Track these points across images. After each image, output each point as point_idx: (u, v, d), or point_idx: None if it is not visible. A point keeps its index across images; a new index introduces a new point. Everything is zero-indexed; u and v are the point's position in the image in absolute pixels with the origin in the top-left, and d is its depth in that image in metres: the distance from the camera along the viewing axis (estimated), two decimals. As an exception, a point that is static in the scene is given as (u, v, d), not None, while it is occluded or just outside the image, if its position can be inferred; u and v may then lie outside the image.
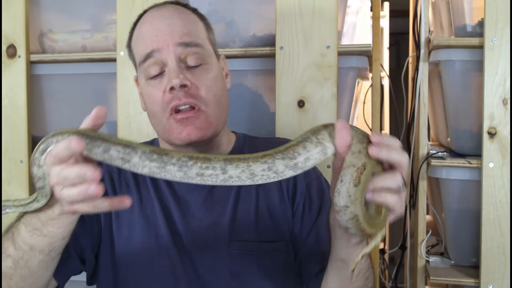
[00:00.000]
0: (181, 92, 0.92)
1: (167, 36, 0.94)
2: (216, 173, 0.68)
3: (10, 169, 1.59)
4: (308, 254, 1.00)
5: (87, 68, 1.59)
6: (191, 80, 0.93)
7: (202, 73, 0.95)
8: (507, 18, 1.36)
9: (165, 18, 0.97)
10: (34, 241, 0.78)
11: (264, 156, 0.69)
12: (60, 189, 0.68)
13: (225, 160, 0.69)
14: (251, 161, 0.69)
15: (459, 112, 1.51)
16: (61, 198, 0.69)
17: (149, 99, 0.96)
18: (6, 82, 1.58)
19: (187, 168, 0.68)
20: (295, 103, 1.39)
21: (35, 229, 0.78)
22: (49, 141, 0.70)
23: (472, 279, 1.45)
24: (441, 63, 1.49)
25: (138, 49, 0.98)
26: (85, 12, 1.63)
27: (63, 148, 0.67)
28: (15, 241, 0.81)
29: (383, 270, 2.07)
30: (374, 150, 0.67)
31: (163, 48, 0.94)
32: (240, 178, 0.69)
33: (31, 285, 0.84)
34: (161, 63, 0.94)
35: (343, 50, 1.42)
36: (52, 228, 0.77)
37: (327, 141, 0.70)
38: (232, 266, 0.97)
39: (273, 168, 0.69)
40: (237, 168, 0.69)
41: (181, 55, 0.94)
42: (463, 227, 1.50)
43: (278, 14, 1.40)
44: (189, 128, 0.92)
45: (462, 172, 1.45)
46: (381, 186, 0.67)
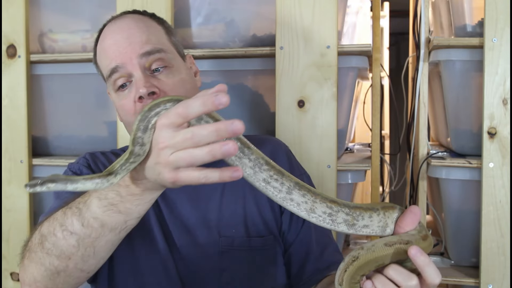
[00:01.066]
0: (150, 99, 0.92)
1: (128, 49, 0.95)
2: (281, 189, 0.68)
3: (10, 169, 1.59)
4: (299, 252, 1.02)
5: (87, 68, 1.59)
6: (158, 87, 0.94)
7: (168, 78, 0.96)
8: (507, 18, 1.36)
9: (124, 30, 0.97)
10: (107, 218, 0.73)
11: (333, 202, 0.70)
12: (170, 152, 0.63)
13: (296, 183, 0.69)
14: (319, 199, 0.69)
15: (459, 112, 1.51)
16: (172, 162, 0.63)
17: (122, 110, 0.98)
18: (6, 82, 1.58)
19: (259, 169, 0.68)
20: (295, 103, 1.39)
21: (111, 204, 0.73)
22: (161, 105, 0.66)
23: (472, 279, 1.44)
24: (441, 63, 1.49)
25: (103, 64, 1.00)
26: (85, 12, 1.63)
27: (199, 104, 0.61)
28: (83, 217, 0.75)
29: (383, 270, 2.06)
30: (413, 251, 0.67)
31: (126, 62, 0.95)
32: (299, 206, 0.69)
33: (90, 266, 0.79)
34: (127, 75, 0.95)
35: (343, 50, 1.42)
36: (131, 205, 0.72)
37: (391, 222, 0.72)
38: (222, 262, 0.98)
39: (333, 216, 0.70)
40: (303, 196, 0.69)
41: (145, 64, 0.95)
42: (463, 227, 1.50)
43: (278, 14, 1.40)
44: None
45: (462, 172, 1.45)
46: (389, 275, 0.68)
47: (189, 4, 1.52)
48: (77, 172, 1.01)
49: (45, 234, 0.78)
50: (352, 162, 1.51)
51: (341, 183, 1.48)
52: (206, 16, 1.53)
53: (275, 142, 1.13)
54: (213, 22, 1.53)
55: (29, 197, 1.58)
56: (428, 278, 0.67)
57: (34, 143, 1.63)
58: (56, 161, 1.59)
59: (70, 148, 1.67)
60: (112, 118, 1.58)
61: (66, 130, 1.68)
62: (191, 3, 1.53)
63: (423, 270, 0.67)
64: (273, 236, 1.01)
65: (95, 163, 1.04)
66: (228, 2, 1.52)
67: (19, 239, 1.59)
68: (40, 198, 1.65)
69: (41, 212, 1.64)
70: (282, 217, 1.04)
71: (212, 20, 1.53)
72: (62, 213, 0.78)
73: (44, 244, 0.78)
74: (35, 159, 1.60)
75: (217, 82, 1.17)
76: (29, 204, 1.59)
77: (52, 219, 0.79)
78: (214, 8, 1.53)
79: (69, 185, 0.65)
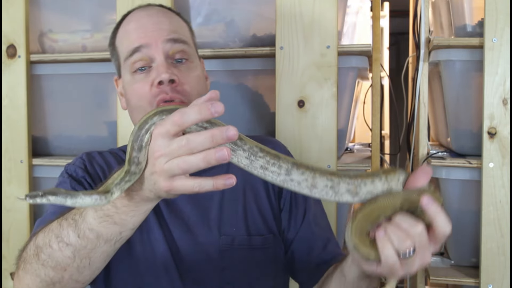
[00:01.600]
0: (168, 87, 0.94)
1: (155, 33, 0.96)
2: (280, 172, 0.69)
3: (10, 169, 1.59)
4: (301, 248, 1.02)
5: (87, 68, 1.59)
6: (178, 76, 0.95)
7: (187, 70, 0.98)
8: (507, 18, 1.36)
9: (152, 16, 0.99)
10: (103, 229, 0.74)
11: (333, 174, 0.70)
12: (165, 160, 0.63)
13: (293, 163, 0.69)
14: (318, 174, 0.70)
15: (459, 112, 1.51)
16: (167, 170, 0.63)
17: (135, 93, 0.98)
18: (6, 82, 1.58)
19: (255, 157, 0.68)
20: (295, 103, 1.39)
21: (106, 215, 0.73)
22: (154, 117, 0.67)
23: (472, 279, 1.44)
24: (441, 63, 1.49)
25: (124, 45, 1.00)
26: (85, 12, 1.63)
27: (195, 112, 0.61)
28: (79, 228, 0.75)
29: (383, 270, 2.06)
30: (426, 199, 0.66)
31: (151, 44, 0.96)
32: (299, 184, 0.70)
33: (85, 277, 0.79)
34: (148, 59, 0.96)
35: (343, 50, 1.42)
36: (126, 216, 0.73)
37: (395, 185, 0.71)
38: (222, 260, 0.98)
39: (335, 188, 0.70)
40: (302, 174, 0.69)
41: (169, 51, 0.97)
42: (463, 227, 1.50)
43: (278, 14, 1.40)
44: None
45: (462, 172, 1.45)
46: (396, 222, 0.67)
47: (189, 4, 1.52)
48: (73, 174, 1.00)
49: (41, 246, 0.78)
50: (352, 162, 1.51)
51: (341, 183, 1.48)
52: (206, 16, 1.53)
53: (274, 143, 1.13)
54: (213, 22, 1.53)
55: (29, 197, 1.58)
56: (439, 227, 0.66)
57: (34, 143, 1.63)
58: (56, 161, 1.59)
59: (70, 148, 1.66)
60: (112, 118, 1.58)
61: (66, 130, 1.68)
62: (191, 3, 1.53)
63: (434, 219, 0.66)
64: (273, 234, 1.01)
65: (91, 164, 1.03)
66: (228, 2, 1.52)
67: (19, 239, 1.59)
68: (40, 198, 1.65)
69: (41, 212, 1.64)
70: (281, 214, 1.04)
71: (212, 20, 1.53)
72: (58, 225, 0.78)
73: (40, 255, 0.78)
74: (35, 159, 1.60)
75: (217, 82, 1.18)
76: (29, 204, 1.59)
77: (48, 230, 0.79)
78: (214, 8, 1.53)
79: (69, 200, 0.66)
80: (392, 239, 0.67)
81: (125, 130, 1.50)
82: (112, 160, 1.05)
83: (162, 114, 0.67)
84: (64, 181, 0.98)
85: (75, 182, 0.98)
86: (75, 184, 0.97)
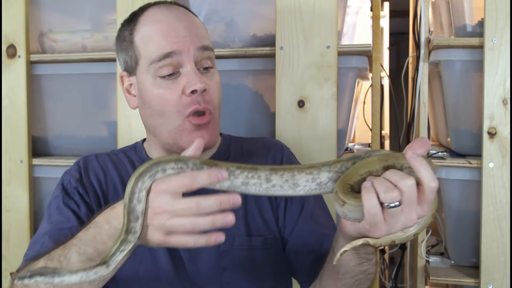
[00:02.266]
0: (200, 97, 0.93)
1: (188, 39, 0.93)
2: (261, 181, 0.72)
3: (10, 169, 1.59)
4: (296, 246, 1.01)
5: (87, 68, 1.59)
6: (208, 85, 0.95)
7: (212, 77, 0.97)
8: (507, 18, 1.36)
9: (182, 20, 0.96)
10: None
11: (311, 167, 0.72)
12: (167, 217, 0.68)
13: (270, 170, 0.72)
14: (296, 171, 0.71)
15: (459, 112, 1.51)
16: (168, 226, 0.69)
17: (160, 99, 0.95)
18: (6, 82, 1.58)
19: (234, 177, 0.71)
20: (295, 103, 1.39)
21: (89, 259, 0.76)
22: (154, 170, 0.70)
23: (472, 279, 1.44)
24: (441, 63, 1.49)
25: (150, 47, 0.95)
26: (85, 12, 1.63)
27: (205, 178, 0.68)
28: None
29: (383, 270, 2.07)
30: (410, 152, 0.66)
31: (183, 51, 0.93)
32: (282, 187, 0.72)
33: None
34: (177, 64, 0.93)
35: (343, 50, 1.42)
36: None
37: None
38: (222, 261, 0.97)
39: (317, 180, 0.71)
40: (281, 177, 0.71)
41: (198, 58, 0.95)
42: (463, 227, 1.50)
43: (278, 14, 1.40)
44: (202, 133, 0.94)
45: (462, 172, 1.45)
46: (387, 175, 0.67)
47: (189, 4, 1.52)
48: (67, 186, 1.00)
49: (30, 284, 0.80)
50: (352, 162, 1.51)
51: (341, 183, 1.48)
52: (206, 16, 1.53)
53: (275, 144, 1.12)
54: (213, 22, 1.53)
55: (29, 197, 1.58)
56: (424, 179, 0.65)
57: (34, 143, 1.63)
58: (56, 161, 1.59)
59: (70, 148, 1.67)
60: (112, 118, 1.58)
61: (66, 130, 1.68)
62: (191, 3, 1.53)
63: (419, 171, 0.65)
64: (274, 235, 1.01)
65: (86, 171, 1.02)
66: (228, 2, 1.52)
67: (19, 239, 1.59)
68: (40, 197, 1.65)
69: (41, 212, 1.64)
70: (278, 211, 1.03)
71: (212, 20, 1.53)
72: (45, 264, 0.80)
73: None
74: (35, 159, 1.60)
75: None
76: (29, 204, 1.59)
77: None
78: (214, 8, 1.53)
79: (56, 278, 0.69)
80: (378, 189, 0.65)
81: (125, 130, 1.50)
82: (109, 164, 1.04)
83: (147, 176, 0.70)
84: (58, 196, 0.99)
85: (67, 198, 0.98)
86: (67, 200, 0.98)
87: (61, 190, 1.00)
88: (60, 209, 0.97)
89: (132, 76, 1.00)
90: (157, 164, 0.70)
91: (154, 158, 0.72)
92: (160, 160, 0.70)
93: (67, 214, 0.96)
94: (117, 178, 1.02)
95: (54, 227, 0.94)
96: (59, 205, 0.97)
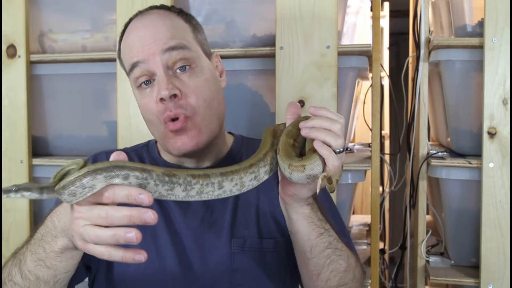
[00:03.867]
0: (171, 102, 0.91)
1: (152, 46, 0.93)
2: (213, 189, 0.73)
3: (10, 169, 1.59)
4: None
5: (87, 68, 1.59)
6: (180, 88, 0.92)
7: (191, 79, 0.94)
8: (507, 18, 1.36)
9: (148, 27, 0.95)
10: (39, 272, 0.79)
11: (251, 166, 0.76)
12: (83, 224, 0.67)
13: (221, 174, 0.73)
14: (242, 173, 0.75)
15: (459, 112, 1.51)
16: (81, 233, 0.67)
17: (144, 108, 0.96)
18: (6, 82, 1.58)
19: (190, 187, 0.71)
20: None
21: (39, 259, 0.78)
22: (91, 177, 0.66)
23: (472, 279, 1.44)
24: (441, 63, 1.49)
25: (125, 59, 0.98)
26: (85, 12, 1.63)
27: (124, 196, 0.66)
28: (21, 269, 0.81)
29: (383, 270, 2.07)
30: (311, 109, 0.80)
31: (148, 59, 0.93)
32: (231, 191, 0.74)
33: None
34: (148, 73, 0.93)
35: (343, 50, 1.42)
36: (55, 261, 0.77)
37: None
38: (233, 263, 0.97)
39: (257, 176, 0.77)
40: (231, 181, 0.74)
41: (169, 61, 0.93)
42: (463, 227, 1.50)
43: (278, 14, 1.40)
44: (183, 138, 0.93)
45: (462, 172, 1.45)
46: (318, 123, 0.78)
47: (189, 4, 1.52)
48: None
49: (4, 279, 0.85)
50: (352, 162, 1.51)
51: (341, 183, 1.48)
52: (206, 16, 1.53)
53: None
54: (213, 22, 1.53)
55: (29, 197, 1.58)
56: (333, 117, 0.78)
57: (34, 143, 1.63)
58: (56, 161, 1.59)
59: (70, 148, 1.67)
60: (112, 118, 1.58)
61: (66, 130, 1.68)
62: (191, 3, 1.53)
63: (326, 115, 0.79)
64: (285, 238, 1.00)
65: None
66: (228, 2, 1.52)
67: (19, 239, 1.58)
68: (40, 198, 1.65)
69: (41, 212, 1.64)
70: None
71: (212, 20, 1.53)
72: (11, 260, 0.84)
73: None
74: (35, 159, 1.60)
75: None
76: (29, 204, 1.59)
77: (4, 265, 0.86)
78: (214, 8, 1.53)
79: (35, 195, 0.71)
80: (329, 142, 0.75)
81: (125, 130, 1.50)
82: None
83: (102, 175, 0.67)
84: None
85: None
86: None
87: None
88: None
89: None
90: (120, 168, 0.67)
91: (118, 161, 0.68)
92: (125, 165, 0.67)
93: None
94: None
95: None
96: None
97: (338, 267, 0.89)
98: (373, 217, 1.50)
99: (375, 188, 1.49)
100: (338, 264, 0.89)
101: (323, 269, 0.89)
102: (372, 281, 1.47)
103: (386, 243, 2.35)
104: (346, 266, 0.90)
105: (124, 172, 0.67)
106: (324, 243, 0.87)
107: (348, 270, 0.91)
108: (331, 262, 0.89)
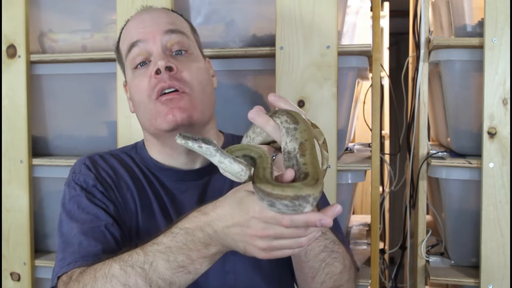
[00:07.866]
0: (166, 75, 0.93)
1: (153, 27, 0.96)
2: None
3: (10, 169, 1.59)
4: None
5: (87, 68, 1.59)
6: (176, 65, 0.95)
7: (187, 60, 0.98)
8: (507, 18, 1.36)
9: (150, 13, 1.00)
10: (176, 279, 0.77)
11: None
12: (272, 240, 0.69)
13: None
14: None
15: (459, 112, 1.51)
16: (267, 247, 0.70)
17: (136, 89, 0.97)
18: (6, 82, 1.58)
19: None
20: (295, 103, 1.39)
21: (180, 266, 0.77)
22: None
23: (472, 279, 1.44)
24: (441, 63, 1.49)
25: (124, 43, 1.00)
26: (85, 12, 1.63)
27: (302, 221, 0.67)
28: (150, 278, 0.77)
29: (383, 270, 2.07)
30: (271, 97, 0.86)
31: (148, 39, 0.96)
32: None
33: None
34: (146, 53, 0.96)
35: (343, 50, 1.42)
36: (200, 266, 0.77)
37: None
38: (226, 264, 0.97)
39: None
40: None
41: (167, 43, 0.96)
42: (463, 227, 1.50)
43: (278, 14, 1.40)
44: (174, 109, 0.93)
45: (462, 172, 1.45)
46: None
47: (189, 4, 1.52)
48: (83, 185, 0.98)
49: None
50: (352, 162, 1.51)
51: (341, 183, 1.48)
52: (206, 16, 1.53)
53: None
54: (213, 22, 1.53)
55: (29, 197, 1.58)
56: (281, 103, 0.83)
57: (34, 143, 1.63)
58: (56, 161, 1.59)
59: (70, 148, 1.66)
60: (112, 118, 1.58)
61: (66, 130, 1.68)
62: (191, 3, 1.53)
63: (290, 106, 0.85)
64: None
65: (97, 170, 1.01)
66: (228, 2, 1.52)
67: (19, 239, 1.59)
68: (40, 197, 1.65)
69: (41, 212, 1.64)
70: None
71: (212, 20, 1.53)
72: (122, 271, 0.78)
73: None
74: (35, 159, 1.60)
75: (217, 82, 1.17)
76: (29, 204, 1.59)
77: (109, 276, 0.79)
78: (214, 8, 1.53)
79: (218, 157, 0.73)
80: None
81: (125, 130, 1.50)
82: (116, 164, 1.03)
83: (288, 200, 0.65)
84: (78, 195, 0.96)
85: (90, 195, 0.96)
86: (91, 198, 0.96)
87: (80, 190, 0.97)
88: (84, 207, 0.94)
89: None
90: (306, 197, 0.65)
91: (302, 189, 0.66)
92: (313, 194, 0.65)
93: (94, 212, 0.94)
94: (127, 177, 1.01)
95: (86, 226, 0.91)
96: (81, 204, 0.95)
97: (334, 270, 0.89)
98: (373, 217, 1.50)
99: (375, 188, 1.49)
100: (334, 267, 0.89)
101: (318, 272, 0.88)
102: (372, 281, 1.47)
103: (386, 243, 2.35)
104: (342, 268, 0.90)
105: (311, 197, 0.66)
106: (319, 246, 0.87)
107: (343, 271, 0.90)
108: (326, 265, 0.88)
